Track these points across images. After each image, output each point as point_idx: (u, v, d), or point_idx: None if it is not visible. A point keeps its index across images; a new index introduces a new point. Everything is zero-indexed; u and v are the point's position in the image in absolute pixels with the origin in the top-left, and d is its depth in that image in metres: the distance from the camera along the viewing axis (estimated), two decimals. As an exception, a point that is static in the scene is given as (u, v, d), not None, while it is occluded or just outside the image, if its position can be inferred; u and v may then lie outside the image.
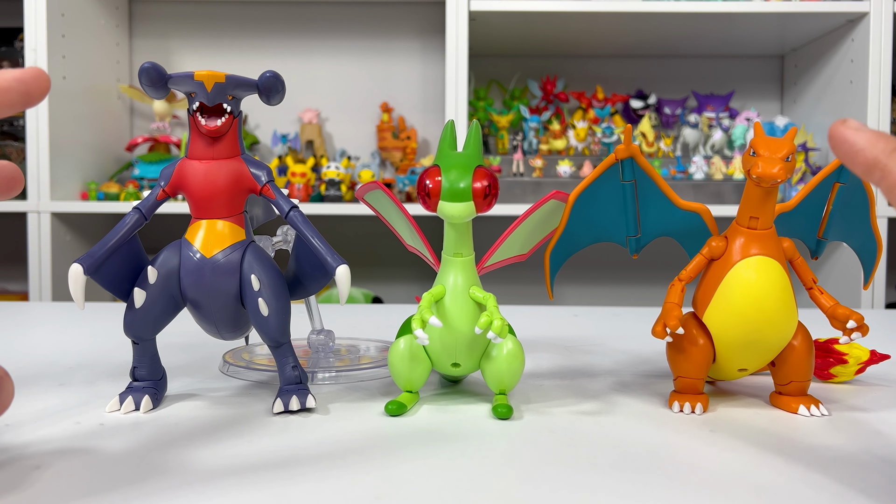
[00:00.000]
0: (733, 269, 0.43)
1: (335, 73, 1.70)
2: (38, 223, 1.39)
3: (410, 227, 0.48)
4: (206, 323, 0.45)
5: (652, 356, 0.60)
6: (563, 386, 0.50)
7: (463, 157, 0.42)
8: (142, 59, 1.66)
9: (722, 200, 1.43)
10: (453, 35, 1.37)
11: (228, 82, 0.42)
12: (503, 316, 0.42)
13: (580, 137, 1.48)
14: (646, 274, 1.67)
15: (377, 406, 0.45)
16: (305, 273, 0.46)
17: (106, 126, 1.61)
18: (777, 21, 1.42)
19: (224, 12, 1.69)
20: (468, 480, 0.33)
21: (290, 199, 0.44)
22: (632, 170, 0.45)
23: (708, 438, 0.39)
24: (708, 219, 0.46)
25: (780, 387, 0.45)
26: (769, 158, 0.41)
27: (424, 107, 1.70)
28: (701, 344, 0.44)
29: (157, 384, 0.45)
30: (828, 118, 1.52)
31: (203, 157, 0.43)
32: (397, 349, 0.44)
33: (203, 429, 0.40)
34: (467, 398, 0.47)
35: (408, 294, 1.68)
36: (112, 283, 0.43)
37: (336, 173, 1.43)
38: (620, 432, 0.40)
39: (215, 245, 0.43)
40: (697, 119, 1.53)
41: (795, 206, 0.47)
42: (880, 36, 1.35)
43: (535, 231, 0.48)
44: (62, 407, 0.44)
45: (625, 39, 1.58)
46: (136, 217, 0.43)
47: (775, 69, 1.72)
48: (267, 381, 0.51)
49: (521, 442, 0.38)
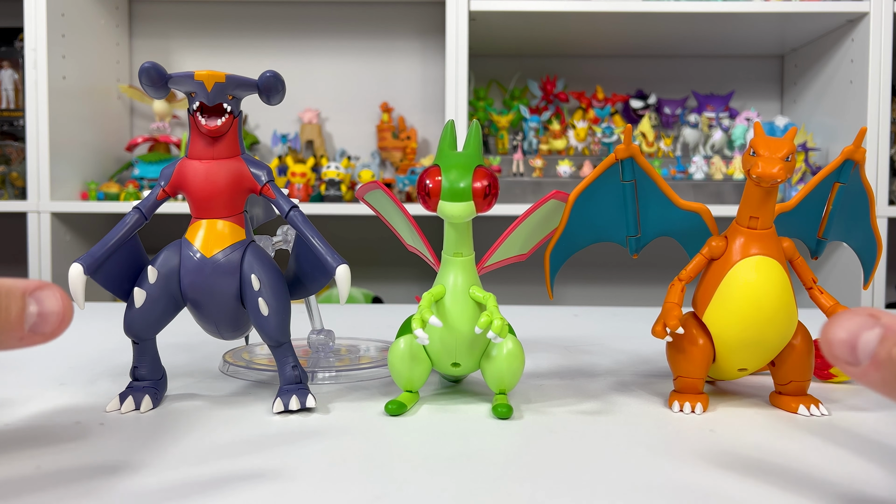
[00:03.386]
0: (733, 269, 0.43)
1: (335, 73, 1.70)
2: (38, 223, 1.39)
3: (410, 226, 0.48)
4: (207, 323, 0.45)
5: (652, 356, 0.60)
6: (563, 386, 0.50)
7: (463, 156, 0.42)
8: (142, 59, 1.66)
9: (722, 200, 1.43)
10: (453, 35, 1.37)
11: (228, 82, 0.42)
12: (503, 316, 0.42)
13: (580, 137, 1.48)
14: (646, 274, 1.67)
15: (377, 406, 0.45)
16: (305, 273, 0.46)
17: (106, 126, 1.61)
18: (777, 21, 1.42)
19: (224, 12, 1.69)
20: (468, 480, 0.33)
21: (290, 199, 0.44)
22: (632, 170, 0.45)
23: (708, 438, 0.39)
24: (708, 219, 0.46)
25: (779, 386, 0.45)
26: (769, 158, 0.41)
27: (424, 107, 1.70)
28: (701, 344, 0.44)
29: (157, 384, 0.45)
30: (828, 118, 1.52)
31: (203, 156, 0.43)
32: (397, 349, 0.44)
33: (203, 429, 0.40)
34: (467, 398, 0.47)
35: (408, 294, 1.68)
36: (112, 283, 0.43)
37: (336, 173, 1.43)
38: (620, 432, 0.40)
39: (215, 245, 0.43)
40: (697, 119, 1.53)
41: (795, 206, 0.47)
42: (880, 36, 1.35)
43: (535, 231, 0.48)
44: (62, 407, 0.44)
45: (625, 39, 1.58)
46: (136, 217, 0.43)
47: (775, 69, 1.72)
48: (267, 380, 0.51)
49: (521, 442, 0.38)
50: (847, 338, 0.27)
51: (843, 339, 0.27)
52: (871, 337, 0.26)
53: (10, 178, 1.54)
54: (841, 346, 0.27)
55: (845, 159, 0.46)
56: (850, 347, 0.27)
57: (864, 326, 0.27)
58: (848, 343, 0.27)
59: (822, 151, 1.51)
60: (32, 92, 1.36)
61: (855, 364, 0.27)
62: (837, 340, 0.27)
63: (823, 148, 1.51)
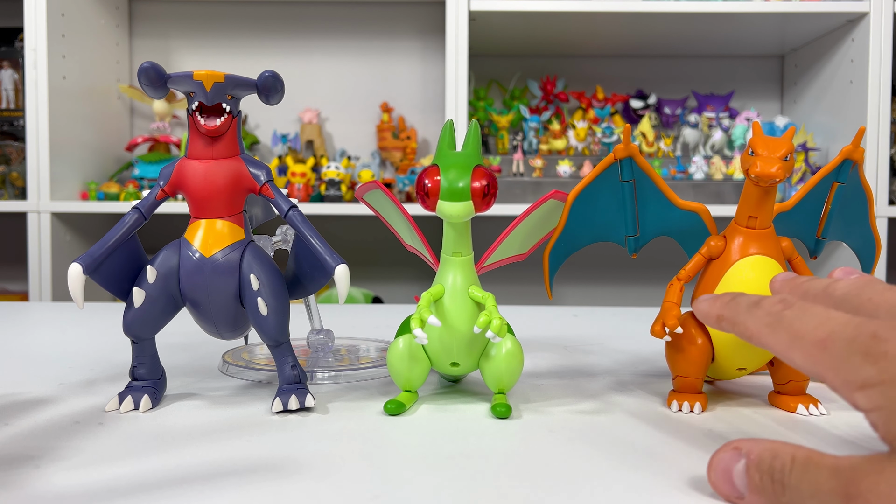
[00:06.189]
0: (732, 269, 0.43)
1: (335, 73, 1.70)
2: (38, 223, 1.39)
3: (410, 226, 0.48)
4: (206, 322, 0.45)
5: (651, 356, 0.60)
6: (563, 385, 0.51)
7: (462, 156, 0.42)
8: (142, 59, 1.66)
9: (722, 200, 1.43)
10: (453, 35, 1.38)
11: (227, 82, 0.42)
12: (502, 315, 0.42)
13: (580, 137, 1.48)
14: (645, 274, 1.67)
15: (376, 405, 0.45)
16: (305, 273, 0.46)
17: (106, 126, 1.61)
18: (777, 21, 1.42)
19: (224, 12, 1.69)
20: (467, 480, 0.33)
21: (289, 199, 0.44)
22: (630, 169, 0.45)
23: (707, 438, 0.39)
24: (707, 218, 0.46)
25: (778, 386, 0.45)
26: (768, 158, 0.41)
27: (424, 107, 1.70)
28: (700, 343, 0.44)
29: (156, 384, 0.45)
30: (828, 118, 1.52)
31: (202, 156, 0.43)
32: (396, 349, 0.44)
33: (202, 428, 0.40)
34: (466, 398, 0.47)
35: (407, 294, 1.68)
36: (111, 283, 0.43)
37: (336, 173, 1.43)
38: (619, 431, 0.40)
39: (214, 245, 0.43)
40: (697, 119, 1.53)
41: (794, 206, 0.47)
42: (880, 36, 1.35)
43: (534, 230, 0.48)
44: (62, 406, 0.44)
45: (625, 39, 1.58)
46: (135, 217, 0.43)
47: (775, 69, 1.72)
48: (266, 380, 0.51)
49: (520, 441, 0.38)
50: (722, 476, 0.29)
51: (720, 478, 0.29)
52: (739, 468, 0.29)
53: (10, 178, 1.54)
54: (721, 486, 0.29)
55: (844, 159, 0.46)
56: (729, 484, 0.29)
57: (732, 460, 0.29)
58: (725, 481, 0.29)
59: (822, 151, 1.51)
60: (32, 92, 1.36)
61: (741, 497, 0.29)
62: (717, 482, 0.30)
63: (823, 148, 1.51)
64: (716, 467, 0.30)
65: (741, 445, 0.29)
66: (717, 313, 0.32)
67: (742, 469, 0.29)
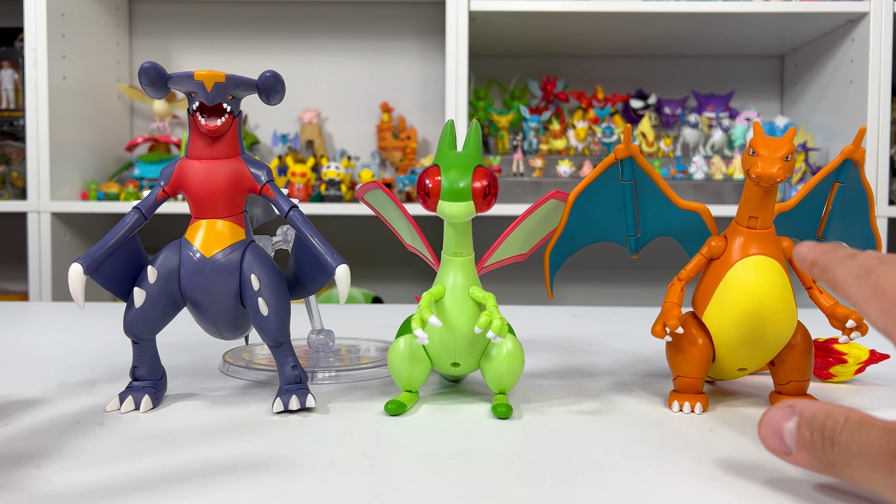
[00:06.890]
0: (733, 269, 0.43)
1: (335, 73, 1.70)
2: (38, 223, 1.39)
3: (410, 226, 0.48)
4: (206, 323, 0.45)
5: (651, 356, 0.60)
6: (563, 386, 0.51)
7: (462, 156, 0.42)
8: (142, 59, 1.66)
9: (722, 200, 1.43)
10: (453, 35, 1.38)
11: (228, 82, 0.42)
12: (503, 315, 0.42)
13: (580, 137, 1.48)
14: (645, 274, 1.67)
15: (377, 406, 0.45)
16: (305, 273, 0.46)
17: (106, 126, 1.61)
18: (777, 21, 1.42)
19: (224, 12, 1.69)
20: (468, 480, 0.33)
21: (289, 199, 0.44)
22: (631, 169, 0.45)
23: (707, 438, 0.39)
24: (707, 218, 0.46)
25: (779, 386, 0.45)
26: (768, 158, 0.41)
27: (424, 107, 1.70)
28: (700, 343, 0.44)
29: (156, 384, 0.45)
30: (828, 118, 1.52)
31: (203, 156, 0.43)
32: (397, 349, 0.44)
33: (203, 428, 0.40)
34: (467, 398, 0.47)
35: (408, 294, 1.68)
36: (112, 283, 0.43)
37: (336, 173, 1.43)
38: (620, 432, 0.40)
39: (215, 245, 0.43)
40: (697, 119, 1.53)
41: (795, 206, 0.47)
42: (880, 36, 1.35)
43: (534, 231, 0.48)
44: (62, 407, 0.44)
45: (625, 39, 1.58)
46: (135, 217, 0.43)
47: (775, 69, 1.72)
48: (267, 380, 0.51)
49: (520, 441, 0.38)
50: (773, 432, 0.30)
51: (770, 433, 0.30)
52: (791, 426, 0.30)
53: (10, 178, 1.54)
54: (770, 440, 0.30)
55: (845, 159, 0.46)
56: (779, 439, 0.30)
57: (784, 417, 0.30)
58: (775, 436, 0.30)
59: (822, 151, 1.51)
60: (32, 92, 1.36)
61: (788, 453, 0.30)
62: (766, 436, 0.31)
63: (823, 148, 1.51)
64: (767, 423, 0.30)
65: (796, 404, 0.30)
66: (813, 258, 0.32)
67: (793, 426, 0.29)
